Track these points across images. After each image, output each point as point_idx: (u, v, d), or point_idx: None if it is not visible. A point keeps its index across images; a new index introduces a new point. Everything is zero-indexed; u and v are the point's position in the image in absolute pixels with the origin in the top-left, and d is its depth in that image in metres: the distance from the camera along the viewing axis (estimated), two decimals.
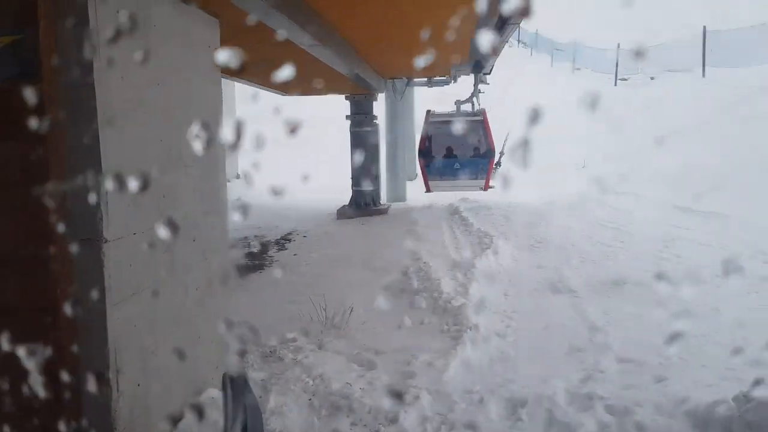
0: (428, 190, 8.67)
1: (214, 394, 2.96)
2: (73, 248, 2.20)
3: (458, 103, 8.64)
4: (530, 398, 2.94)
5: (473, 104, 8.66)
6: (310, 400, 3.13)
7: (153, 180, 2.52)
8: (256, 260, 7.42)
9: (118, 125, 2.33)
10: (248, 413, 1.08)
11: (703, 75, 15.57)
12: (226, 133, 0.89)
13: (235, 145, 0.82)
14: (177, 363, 2.82)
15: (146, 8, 2.49)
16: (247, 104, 17.39)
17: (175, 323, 2.83)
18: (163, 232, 0.97)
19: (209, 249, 3.15)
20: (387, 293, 5.28)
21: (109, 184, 2.27)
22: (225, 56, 0.88)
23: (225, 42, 3.50)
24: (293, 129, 0.86)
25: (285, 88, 9.58)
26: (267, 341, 4.24)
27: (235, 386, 2.00)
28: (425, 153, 8.23)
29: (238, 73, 6.46)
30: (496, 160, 8.38)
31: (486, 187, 8.41)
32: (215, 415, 1.22)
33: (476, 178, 8.36)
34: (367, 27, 5.55)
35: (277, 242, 8.52)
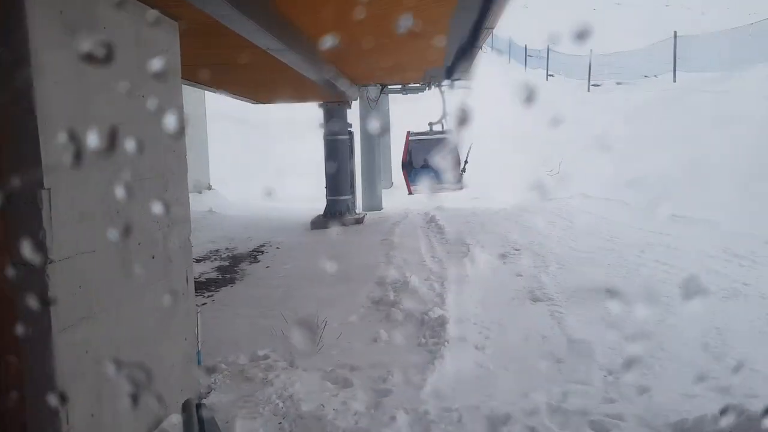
0: (410, 193, 10.10)
1: (175, 420, 2.78)
2: (14, 270, 2.01)
3: (431, 124, 10.04)
4: (511, 415, 2.81)
5: (443, 124, 10.01)
6: (280, 423, 2.96)
7: (104, 193, 2.34)
8: (227, 273, 7.20)
9: (61, 134, 2.15)
10: None
11: (674, 80, 15.77)
12: (187, 142, 0.74)
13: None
14: (136, 389, 2.63)
15: (92, 7, 2.31)
16: (218, 112, 17.18)
17: (134, 346, 2.64)
18: (117, 250, 0.83)
19: (171, 265, 2.97)
20: (362, 306, 5.13)
21: (53, 199, 2.10)
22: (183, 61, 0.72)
23: (186, 47, 3.33)
24: None
25: (254, 96, 9.39)
26: (236, 359, 4.05)
27: (198, 413, 1.82)
28: (407, 164, 9.77)
29: (202, 79, 6.27)
30: (461, 167, 9.70)
31: (458, 188, 9.82)
32: None
33: (453, 183, 9.81)
34: (336, 31, 5.42)
35: (249, 254, 8.30)
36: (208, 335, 4.58)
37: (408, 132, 9.97)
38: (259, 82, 7.51)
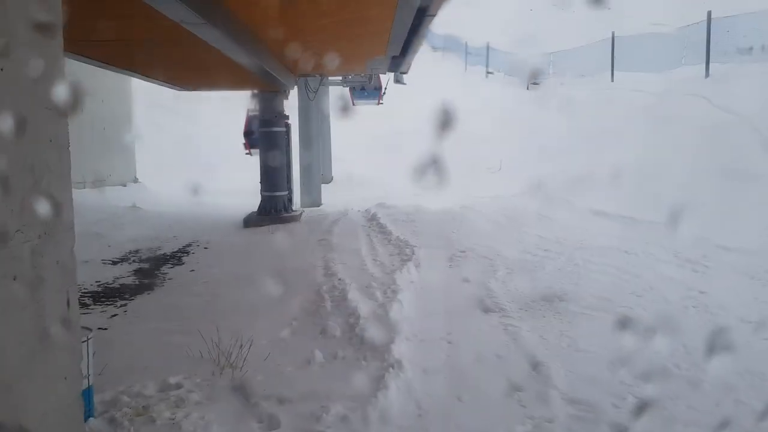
0: (248, 153, 11.76)
1: None
2: None
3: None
4: None
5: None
6: None
7: None
8: (146, 278, 6.46)
9: None
10: None
11: (612, 79, 15.91)
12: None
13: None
14: None
15: None
16: (150, 100, 16.07)
17: None
18: None
19: (43, 288, 2.32)
20: (295, 318, 4.57)
21: None
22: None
23: (80, 16, 2.67)
24: None
25: (177, 81, 8.60)
26: (142, 389, 3.42)
27: None
28: (248, 133, 11.51)
29: (100, 56, 5.47)
30: None
31: None
32: None
33: None
34: (269, 12, 4.81)
35: (173, 256, 7.55)
36: (113, 357, 3.90)
37: (248, 110, 11.67)
38: (179, 65, 6.76)
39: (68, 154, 2.51)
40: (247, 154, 12.11)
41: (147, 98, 16.07)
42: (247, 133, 12.12)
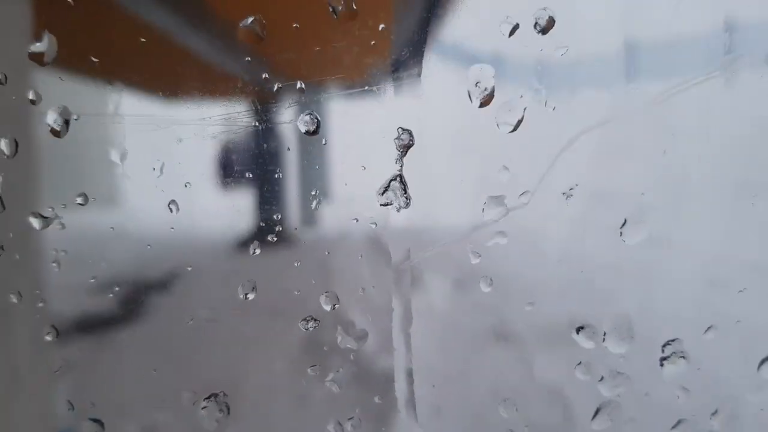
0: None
1: None
2: None
3: None
4: None
5: None
6: None
7: None
8: (128, 307, 6.01)
9: None
10: None
11: None
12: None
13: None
14: None
15: None
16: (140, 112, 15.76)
17: None
18: None
19: (13, 323, 1.89)
20: (292, 351, 4.11)
21: None
22: None
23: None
24: None
25: (151, 87, 8.21)
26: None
27: None
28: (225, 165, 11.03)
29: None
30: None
31: None
32: None
33: None
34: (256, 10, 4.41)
35: (157, 281, 7.11)
36: (94, 396, 3.48)
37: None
38: (154, 72, 6.32)
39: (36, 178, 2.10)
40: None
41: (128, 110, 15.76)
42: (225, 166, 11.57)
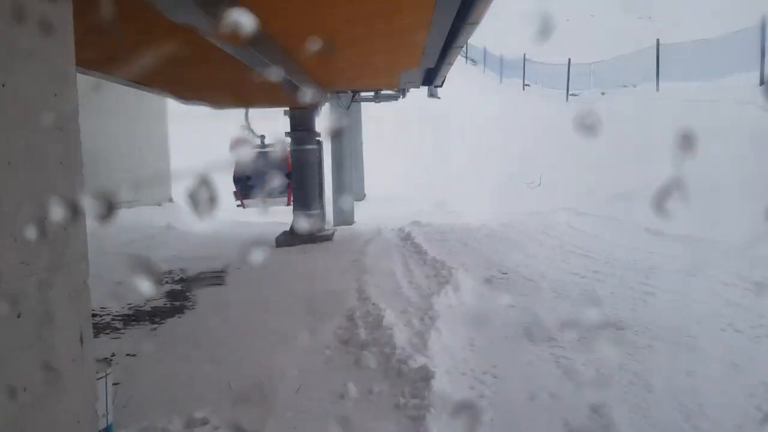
0: (243, 207, 10.31)
1: None
2: None
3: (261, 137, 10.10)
4: None
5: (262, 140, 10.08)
6: None
7: None
8: (176, 300, 6.30)
9: None
10: None
11: (657, 89, 15.33)
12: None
13: None
14: None
15: None
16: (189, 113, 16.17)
17: None
18: None
19: (52, 325, 2.11)
20: (328, 346, 4.30)
21: None
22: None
23: (103, 33, 2.49)
24: None
25: (207, 100, 8.50)
26: (167, 425, 3.20)
27: None
28: (239, 180, 9.92)
29: (130, 76, 5.36)
30: None
31: (289, 203, 9.97)
32: None
33: (280, 197, 10.16)
34: (303, 29, 4.61)
35: (205, 277, 7.40)
36: (139, 389, 3.72)
37: (233, 139, 10.69)
38: (208, 83, 6.62)
39: (81, 177, 2.31)
40: (239, 206, 10.14)
41: (183, 117, 16.20)
42: (238, 180, 9.95)
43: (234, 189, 9.89)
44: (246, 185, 9.87)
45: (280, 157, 9.82)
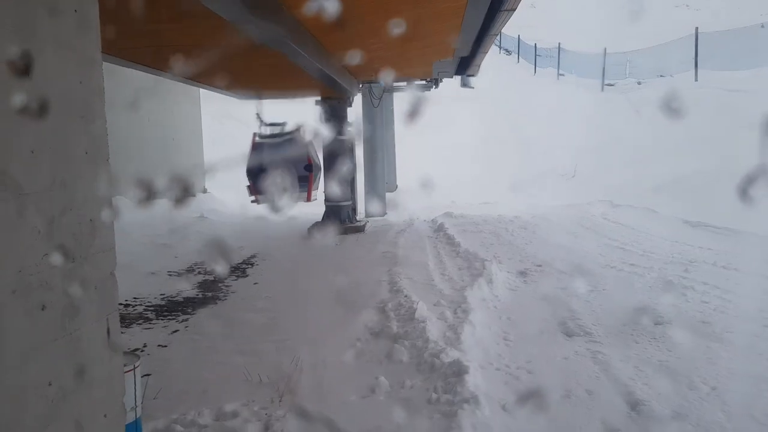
0: (257, 203, 9.22)
1: None
2: None
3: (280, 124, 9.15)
4: None
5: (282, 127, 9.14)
6: None
7: None
8: (209, 291, 6.34)
9: None
10: None
11: (696, 78, 14.83)
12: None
13: None
14: None
15: None
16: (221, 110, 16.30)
17: None
18: None
19: (78, 317, 2.09)
20: (359, 339, 4.25)
21: None
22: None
23: (138, 23, 2.47)
24: None
25: (239, 89, 8.52)
26: (197, 417, 3.18)
27: None
28: (252, 171, 8.88)
29: (154, 63, 5.36)
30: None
31: (309, 199, 9.03)
32: None
33: (299, 191, 9.00)
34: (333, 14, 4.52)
35: (237, 267, 7.43)
36: (170, 380, 3.73)
37: (254, 134, 9.15)
38: (240, 72, 6.59)
39: (107, 167, 2.28)
40: (253, 201, 9.18)
41: (216, 108, 16.33)
42: (252, 171, 8.92)
43: (247, 183, 9.07)
44: (260, 178, 8.80)
45: (299, 147, 8.77)
